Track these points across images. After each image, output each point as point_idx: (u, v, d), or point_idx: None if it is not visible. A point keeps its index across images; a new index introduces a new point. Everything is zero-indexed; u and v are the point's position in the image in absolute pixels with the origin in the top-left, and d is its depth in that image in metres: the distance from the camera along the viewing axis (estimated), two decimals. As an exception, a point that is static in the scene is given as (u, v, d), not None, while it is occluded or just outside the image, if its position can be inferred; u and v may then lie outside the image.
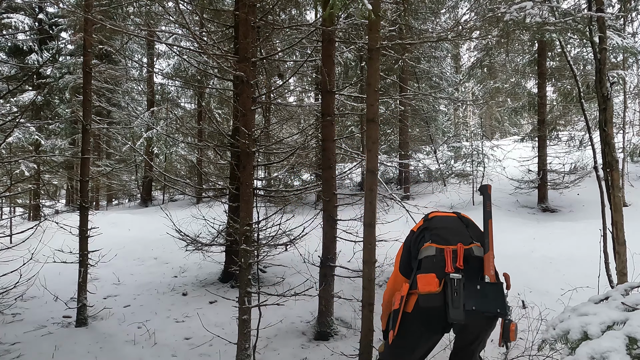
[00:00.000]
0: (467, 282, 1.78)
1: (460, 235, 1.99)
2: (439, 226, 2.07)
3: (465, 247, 1.89)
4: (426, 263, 1.91)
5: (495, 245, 6.71)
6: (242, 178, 3.01)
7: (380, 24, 2.58)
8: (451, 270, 1.80)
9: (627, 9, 8.83)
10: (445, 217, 2.18)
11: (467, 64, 18.22)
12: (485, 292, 1.79)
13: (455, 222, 2.12)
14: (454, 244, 1.90)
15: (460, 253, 1.85)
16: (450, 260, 1.83)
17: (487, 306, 1.77)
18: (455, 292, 1.74)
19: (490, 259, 1.88)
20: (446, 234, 1.99)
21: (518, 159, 11.08)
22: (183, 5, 5.15)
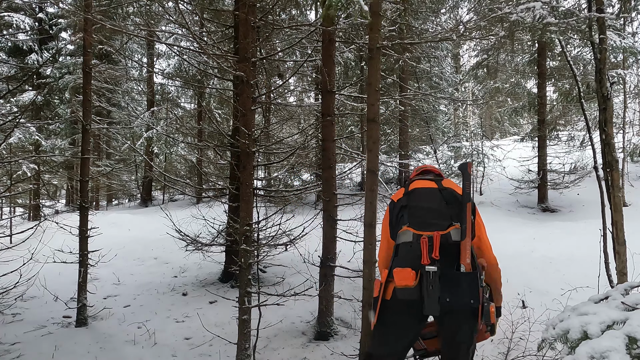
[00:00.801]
0: (442, 273, 1.77)
1: (439, 216, 1.96)
2: (418, 205, 2.03)
3: (442, 232, 1.87)
4: (403, 250, 1.92)
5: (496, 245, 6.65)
6: (242, 178, 3.02)
7: (380, 23, 2.58)
8: (427, 262, 1.79)
9: (627, 9, 8.83)
10: (426, 190, 2.11)
11: (467, 64, 18.23)
12: (460, 283, 1.78)
13: (436, 198, 2.05)
14: (431, 229, 1.88)
15: (436, 242, 1.83)
16: (426, 251, 1.81)
17: (461, 298, 1.77)
18: (430, 285, 1.75)
19: (467, 246, 1.84)
20: (424, 216, 1.97)
21: (518, 159, 11.08)
22: (183, 5, 5.15)
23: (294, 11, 6.69)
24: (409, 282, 1.76)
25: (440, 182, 2.15)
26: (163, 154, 13.82)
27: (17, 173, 7.61)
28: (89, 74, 4.18)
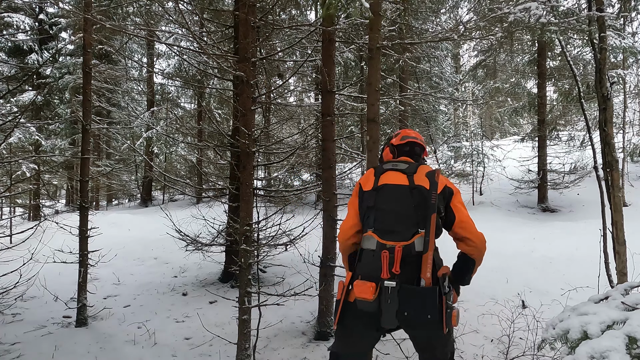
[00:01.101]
0: (402, 287, 1.76)
1: (405, 222, 1.89)
2: (385, 209, 1.94)
3: (405, 243, 1.83)
4: (366, 258, 1.90)
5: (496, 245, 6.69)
6: (242, 178, 3.02)
7: (380, 23, 2.58)
8: (386, 277, 1.78)
9: (627, 9, 8.84)
10: (396, 189, 1.97)
11: (467, 64, 18.23)
12: (419, 298, 1.77)
13: (404, 200, 1.93)
14: (395, 238, 1.85)
15: (397, 257, 1.80)
16: (386, 266, 1.79)
17: (419, 313, 1.77)
18: (388, 299, 1.75)
19: (429, 260, 1.81)
20: (390, 221, 1.90)
21: (518, 159, 11.09)
22: (183, 5, 5.15)
23: (294, 11, 6.69)
24: (367, 295, 1.76)
25: (412, 177, 1.98)
26: (163, 154, 13.83)
27: (17, 173, 7.61)
28: (89, 74, 4.18)
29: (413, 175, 1.98)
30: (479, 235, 1.99)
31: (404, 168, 2.04)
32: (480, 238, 1.99)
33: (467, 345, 3.30)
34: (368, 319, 1.84)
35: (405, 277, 1.79)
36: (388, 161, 2.14)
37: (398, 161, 2.11)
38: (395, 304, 1.74)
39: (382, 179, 2.02)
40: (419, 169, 2.02)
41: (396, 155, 2.20)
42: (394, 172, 2.03)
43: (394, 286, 1.75)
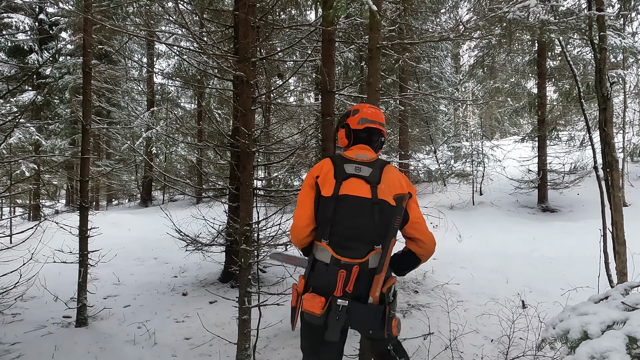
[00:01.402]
0: (352, 303, 1.77)
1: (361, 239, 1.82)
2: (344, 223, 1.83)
3: (361, 261, 1.80)
4: (319, 270, 1.85)
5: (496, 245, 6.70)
6: (242, 178, 3.02)
7: (380, 23, 2.58)
8: (339, 294, 1.77)
9: (627, 9, 8.83)
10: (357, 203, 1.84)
11: (467, 64, 18.23)
12: (365, 315, 1.78)
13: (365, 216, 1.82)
14: (350, 255, 1.80)
15: (352, 277, 1.77)
16: (341, 284, 1.77)
17: (362, 328, 1.81)
18: (337, 316, 1.74)
19: (380, 280, 1.79)
20: (347, 237, 1.82)
21: (518, 159, 11.09)
22: (183, 5, 5.15)
23: (294, 11, 6.69)
24: (315, 310, 1.75)
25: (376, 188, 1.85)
26: (163, 154, 13.83)
27: (17, 173, 7.61)
28: (89, 74, 4.18)
29: (377, 187, 1.85)
30: (430, 236, 1.94)
31: (367, 176, 1.87)
32: (431, 239, 1.94)
33: (467, 345, 3.30)
34: (314, 330, 1.83)
35: (355, 294, 1.78)
36: (349, 160, 1.92)
37: (360, 162, 1.91)
38: (343, 320, 1.75)
39: (343, 187, 1.86)
40: (383, 177, 1.87)
41: (351, 141, 2.02)
42: (357, 179, 1.87)
43: (345, 305, 1.75)
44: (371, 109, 2.06)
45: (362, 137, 2.00)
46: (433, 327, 3.54)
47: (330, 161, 1.93)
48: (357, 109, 2.05)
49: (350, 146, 2.02)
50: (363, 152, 1.96)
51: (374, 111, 2.04)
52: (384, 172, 1.89)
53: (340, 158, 1.93)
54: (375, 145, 2.04)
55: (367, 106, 2.08)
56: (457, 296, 4.28)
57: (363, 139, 2.00)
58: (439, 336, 3.42)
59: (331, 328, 1.75)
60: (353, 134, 2.01)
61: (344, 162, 1.91)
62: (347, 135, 2.03)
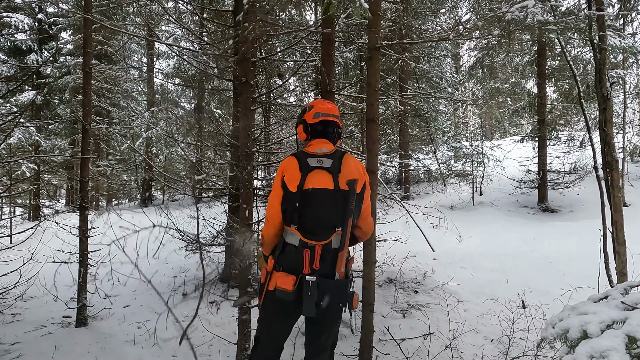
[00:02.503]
0: (320, 280, 1.95)
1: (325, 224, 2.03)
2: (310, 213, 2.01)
3: (324, 242, 2.01)
4: (289, 253, 2.03)
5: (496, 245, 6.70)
6: (242, 178, 3.02)
7: (380, 23, 2.58)
8: (307, 272, 1.97)
9: (627, 9, 8.83)
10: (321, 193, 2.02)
11: (467, 64, 18.24)
12: (334, 289, 1.98)
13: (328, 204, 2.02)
14: (315, 238, 2.00)
15: (317, 255, 1.99)
16: (307, 262, 1.98)
17: (333, 303, 1.97)
18: (309, 292, 1.93)
19: (343, 257, 2.00)
20: (314, 224, 2.02)
21: (518, 159, 11.09)
22: (183, 5, 5.15)
23: (294, 11, 6.69)
24: (288, 287, 1.94)
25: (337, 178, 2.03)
26: (163, 154, 13.83)
27: (17, 173, 7.61)
28: (89, 74, 4.18)
29: (338, 176, 2.04)
30: (370, 223, 2.22)
31: (328, 166, 2.05)
32: (370, 226, 2.22)
33: (467, 345, 3.30)
34: (286, 306, 2.02)
35: (323, 271, 1.99)
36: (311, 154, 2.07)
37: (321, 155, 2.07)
38: (315, 295, 1.93)
39: (308, 180, 2.01)
40: (343, 166, 2.06)
41: (309, 135, 2.17)
42: (320, 171, 2.04)
43: (314, 280, 1.94)
44: (325, 103, 2.24)
45: (318, 130, 2.17)
46: (433, 327, 3.55)
47: (294, 158, 2.08)
48: (312, 104, 2.23)
49: (309, 140, 2.19)
50: (322, 145, 2.13)
51: (329, 106, 2.23)
52: (343, 162, 2.08)
53: (303, 153, 2.10)
54: (332, 137, 2.20)
55: (321, 101, 2.28)
56: (457, 296, 4.28)
57: (320, 132, 2.17)
58: (439, 336, 3.42)
59: (306, 304, 1.93)
60: (310, 128, 2.18)
61: (307, 156, 2.07)
62: (304, 130, 2.20)
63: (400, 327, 3.59)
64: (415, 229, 6.54)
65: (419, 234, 6.46)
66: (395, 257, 5.23)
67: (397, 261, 5.12)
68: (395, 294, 4.22)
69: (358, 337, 3.02)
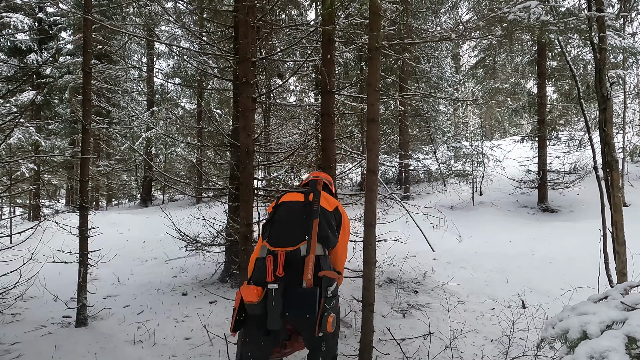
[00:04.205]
0: (288, 288, 1.89)
1: (293, 231, 2.06)
2: (280, 220, 2.15)
3: (290, 249, 1.97)
4: (257, 265, 2.05)
5: (496, 245, 6.68)
6: (242, 178, 3.02)
7: (380, 23, 2.58)
8: (270, 280, 1.91)
9: (627, 9, 8.83)
10: (291, 204, 2.22)
11: (467, 64, 18.23)
12: (300, 298, 1.88)
13: (297, 213, 2.14)
14: (281, 245, 2.00)
15: (280, 260, 1.94)
16: (270, 269, 1.93)
17: (299, 312, 1.87)
18: (272, 301, 1.85)
19: (310, 263, 1.93)
20: (281, 232, 2.09)
21: (518, 159, 11.09)
22: (183, 5, 5.15)
23: (294, 11, 6.70)
24: (252, 298, 1.86)
25: (308, 195, 2.22)
26: (163, 154, 13.83)
27: (17, 173, 7.61)
28: (89, 74, 4.17)
29: (309, 194, 2.23)
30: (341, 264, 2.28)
31: (303, 190, 2.30)
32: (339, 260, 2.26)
33: (467, 345, 3.30)
34: (257, 323, 1.93)
35: (289, 279, 1.92)
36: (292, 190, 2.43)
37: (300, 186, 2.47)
38: (279, 305, 1.86)
39: (282, 198, 2.30)
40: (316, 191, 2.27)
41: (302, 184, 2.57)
42: (293, 193, 2.30)
43: (276, 288, 1.87)
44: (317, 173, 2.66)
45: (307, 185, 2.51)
46: (433, 327, 3.55)
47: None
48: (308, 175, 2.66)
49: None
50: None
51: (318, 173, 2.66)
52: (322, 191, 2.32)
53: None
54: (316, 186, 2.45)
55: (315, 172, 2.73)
56: (457, 296, 4.28)
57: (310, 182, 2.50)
58: (439, 336, 3.42)
59: (270, 315, 1.86)
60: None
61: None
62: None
63: (400, 327, 3.59)
64: (415, 229, 6.55)
65: (419, 234, 6.47)
66: (395, 257, 5.23)
67: (397, 261, 5.12)
68: (395, 294, 4.22)
69: (358, 337, 3.02)
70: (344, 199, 7.50)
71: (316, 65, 6.48)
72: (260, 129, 5.80)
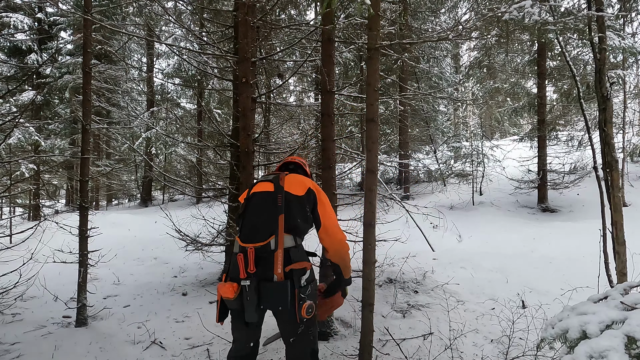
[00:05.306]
0: (261, 282, 1.95)
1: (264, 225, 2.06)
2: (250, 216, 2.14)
3: (260, 244, 1.99)
4: (232, 261, 2.09)
5: (496, 245, 6.67)
6: (242, 178, 3.02)
7: (379, 23, 2.58)
8: (243, 276, 1.96)
9: (627, 9, 8.83)
10: (262, 196, 2.17)
11: (467, 64, 18.24)
12: (272, 292, 1.95)
13: (267, 205, 2.12)
14: (253, 241, 2.02)
15: (250, 257, 1.97)
16: (242, 266, 1.97)
17: (272, 305, 1.96)
18: (247, 296, 1.94)
19: (279, 257, 1.97)
20: (252, 226, 2.09)
21: (518, 159, 11.09)
22: (183, 5, 5.16)
23: (293, 11, 6.70)
24: (229, 295, 1.96)
25: (278, 182, 2.18)
26: (162, 154, 13.83)
27: (16, 173, 7.61)
28: (89, 74, 4.17)
29: (279, 181, 2.20)
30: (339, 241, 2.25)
31: (271, 177, 2.23)
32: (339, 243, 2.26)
33: (467, 345, 3.30)
34: (237, 316, 2.07)
35: (261, 274, 1.97)
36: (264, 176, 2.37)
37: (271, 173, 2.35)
38: (255, 300, 1.94)
39: (253, 188, 2.25)
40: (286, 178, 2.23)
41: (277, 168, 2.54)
42: (264, 182, 2.25)
43: (249, 284, 1.94)
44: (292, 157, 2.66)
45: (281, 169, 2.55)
46: (433, 327, 3.55)
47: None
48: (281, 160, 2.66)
49: None
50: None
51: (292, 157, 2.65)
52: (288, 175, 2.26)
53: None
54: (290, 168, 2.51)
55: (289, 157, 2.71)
56: (457, 296, 4.28)
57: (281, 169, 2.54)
58: (439, 336, 3.42)
59: (247, 310, 1.96)
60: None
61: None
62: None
63: (400, 327, 3.59)
64: (415, 229, 6.55)
65: (419, 234, 6.47)
66: (395, 257, 5.23)
67: (397, 261, 5.12)
68: (395, 294, 4.22)
69: (358, 337, 3.02)
70: (343, 199, 7.50)
71: (316, 65, 6.49)
72: (260, 129, 5.80)
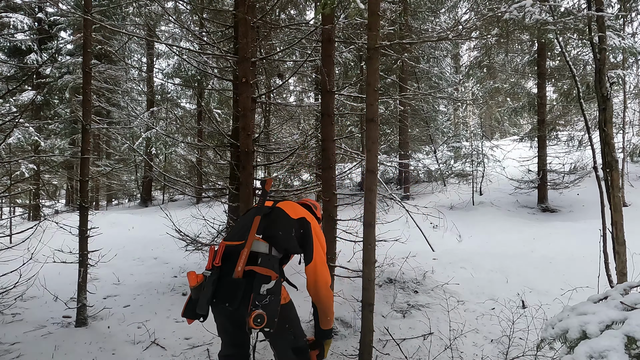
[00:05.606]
0: (221, 277, 2.00)
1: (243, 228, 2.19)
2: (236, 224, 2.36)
3: (234, 243, 2.10)
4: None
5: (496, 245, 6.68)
6: (242, 178, 3.02)
7: (379, 23, 2.58)
8: (208, 268, 2.04)
9: (627, 9, 8.83)
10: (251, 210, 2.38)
11: (466, 64, 18.23)
12: (228, 287, 1.98)
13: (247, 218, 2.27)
14: (231, 240, 2.15)
15: (220, 251, 2.06)
16: (210, 259, 2.06)
17: (222, 301, 1.98)
18: (203, 287, 1.99)
19: (243, 256, 2.01)
20: (233, 231, 2.29)
21: (518, 159, 11.10)
22: (183, 5, 5.16)
23: (293, 11, 6.70)
24: (191, 282, 2.01)
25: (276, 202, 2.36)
26: (163, 154, 13.83)
27: (16, 173, 7.61)
28: (89, 74, 4.17)
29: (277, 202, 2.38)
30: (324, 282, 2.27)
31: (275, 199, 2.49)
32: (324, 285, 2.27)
33: (467, 345, 3.30)
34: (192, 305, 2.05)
35: (224, 270, 2.02)
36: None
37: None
38: (209, 292, 1.96)
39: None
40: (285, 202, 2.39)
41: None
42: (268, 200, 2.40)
43: (207, 275, 2.00)
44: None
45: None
46: (433, 327, 3.55)
47: None
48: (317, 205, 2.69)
49: None
50: None
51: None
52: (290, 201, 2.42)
53: None
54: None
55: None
56: (457, 296, 4.28)
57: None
58: (439, 336, 3.42)
59: (200, 300, 1.96)
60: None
61: None
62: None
63: (400, 327, 3.59)
64: (415, 229, 6.54)
65: (419, 234, 6.47)
66: (395, 257, 5.23)
67: (397, 261, 5.12)
68: (395, 294, 4.22)
69: (358, 337, 3.02)
70: (343, 199, 7.50)
71: (316, 65, 6.49)
72: (260, 129, 5.80)
